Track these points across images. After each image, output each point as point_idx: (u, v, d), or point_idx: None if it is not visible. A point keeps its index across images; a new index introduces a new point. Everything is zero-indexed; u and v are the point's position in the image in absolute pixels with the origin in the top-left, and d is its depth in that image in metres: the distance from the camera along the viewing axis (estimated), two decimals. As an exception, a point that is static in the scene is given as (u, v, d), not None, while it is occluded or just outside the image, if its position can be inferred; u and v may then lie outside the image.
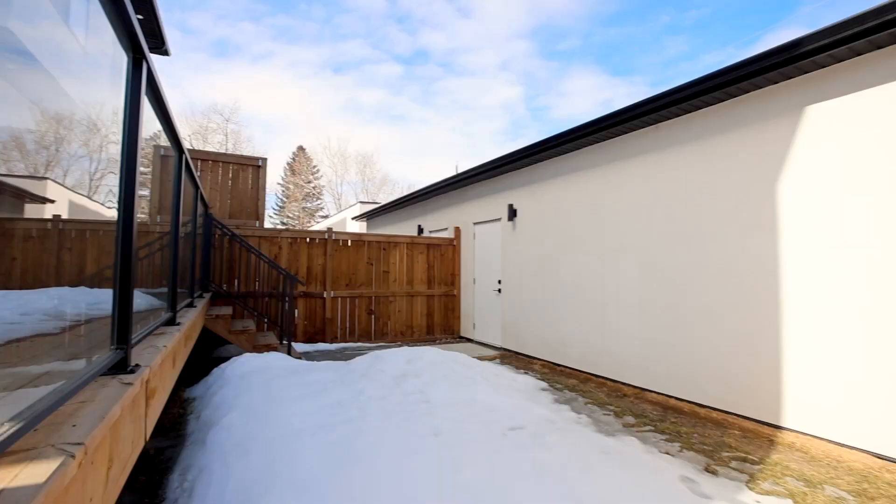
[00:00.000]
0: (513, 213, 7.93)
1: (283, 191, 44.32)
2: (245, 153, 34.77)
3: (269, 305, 7.52)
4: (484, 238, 9.01)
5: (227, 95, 50.76)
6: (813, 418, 3.88)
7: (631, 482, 2.89)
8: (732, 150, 4.60)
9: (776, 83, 4.21)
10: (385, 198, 42.81)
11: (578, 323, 6.47)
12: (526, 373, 6.26)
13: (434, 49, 55.74)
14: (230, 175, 7.76)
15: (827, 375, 3.80)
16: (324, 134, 64.64)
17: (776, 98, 4.24)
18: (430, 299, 9.45)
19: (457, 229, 9.84)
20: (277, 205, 44.23)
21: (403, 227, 13.20)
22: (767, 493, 2.91)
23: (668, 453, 3.55)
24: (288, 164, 45.05)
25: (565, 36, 53.42)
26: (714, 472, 3.21)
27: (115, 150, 1.83)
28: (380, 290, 8.84)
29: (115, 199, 1.77)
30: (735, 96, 4.54)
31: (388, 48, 55.92)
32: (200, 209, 5.44)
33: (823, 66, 3.86)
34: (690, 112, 4.99)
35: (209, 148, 33.05)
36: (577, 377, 6.15)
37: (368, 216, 16.69)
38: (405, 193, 13.71)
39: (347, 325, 8.47)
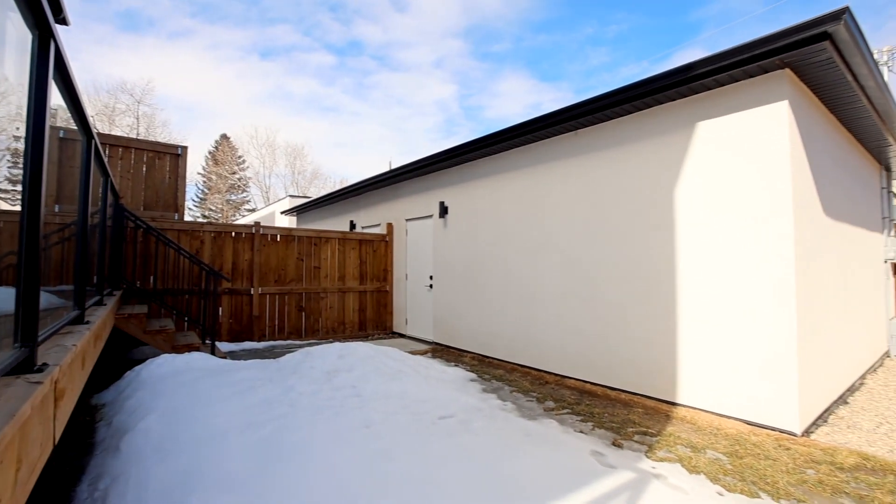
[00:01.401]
0: (444, 211, 8.13)
1: (204, 181, 41.43)
2: (160, 139, 32.05)
3: (190, 303, 7.10)
4: (416, 234, 9.14)
5: (138, 74, 46.03)
6: (700, 395, 4.45)
7: (549, 459, 3.17)
8: (640, 157, 5.10)
9: (674, 100, 4.74)
10: (316, 192, 41.53)
11: (506, 317, 6.81)
12: (456, 365, 6.49)
13: (368, 41, 54.80)
14: (144, 163, 7.20)
15: (711, 358, 4.38)
16: (249, 122, 61.04)
17: (674, 113, 4.77)
18: (362, 295, 9.41)
19: (389, 225, 9.88)
20: (198, 196, 41.30)
21: (335, 223, 12.97)
22: (662, 459, 3.33)
23: (582, 432, 3.90)
24: (210, 152, 42.17)
25: (498, 38, 54.92)
26: (620, 446, 3.59)
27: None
28: (311, 287, 8.66)
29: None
30: (641, 109, 5.04)
31: (319, 36, 54.09)
32: (110, 199, 5.04)
33: (710, 89, 4.43)
34: (605, 121, 5.45)
35: (116, 131, 30.04)
36: (505, 368, 6.48)
37: (299, 211, 16.16)
38: (337, 188, 13.46)
39: (276, 323, 8.21)
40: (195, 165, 41.40)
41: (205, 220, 36.89)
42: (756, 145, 4.14)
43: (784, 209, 3.95)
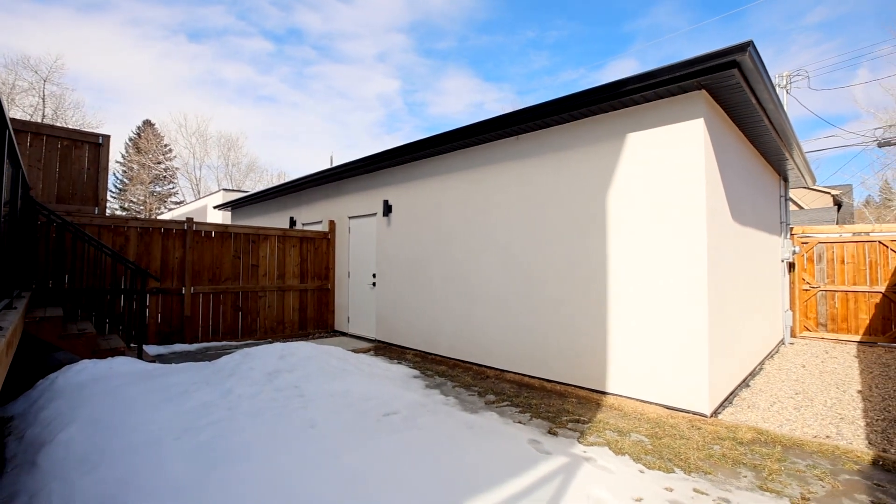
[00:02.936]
0: (388, 209, 8.14)
1: (123, 171, 38.19)
2: (71, 122, 29.10)
3: (112, 304, 6.60)
4: (359, 232, 9.07)
5: (44, 48, 41.24)
6: (627, 384, 4.86)
7: (490, 449, 3.34)
8: (576, 163, 5.43)
9: (607, 112, 5.11)
10: (252, 185, 39.65)
11: (448, 314, 6.97)
12: (399, 362, 6.55)
13: (309, 30, 53.14)
14: (59, 152, 6.57)
15: (636, 350, 4.79)
16: (177, 108, 57.00)
17: (607, 124, 5.14)
18: (303, 294, 9.20)
19: (331, 223, 9.72)
20: (117, 186, 38.01)
21: (274, 219, 12.52)
22: (592, 444, 3.62)
23: (520, 422, 4.13)
24: (131, 139, 38.94)
25: (442, 36, 55.34)
26: (555, 434, 3.85)
27: None
28: (248, 285, 8.33)
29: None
30: (578, 119, 5.37)
31: (256, 21, 51.59)
32: (20, 192, 4.59)
33: (638, 104, 4.82)
34: (544, 128, 5.74)
35: (16, 112, 26.87)
36: (447, 364, 6.64)
37: (234, 205, 15.38)
38: (275, 182, 12.98)
39: (210, 324, 7.82)
40: (113, 153, 38.01)
41: (129, 215, 34.18)
42: (675, 157, 4.57)
43: (698, 216, 4.40)
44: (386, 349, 7.74)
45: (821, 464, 3.34)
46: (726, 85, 4.31)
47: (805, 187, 12.31)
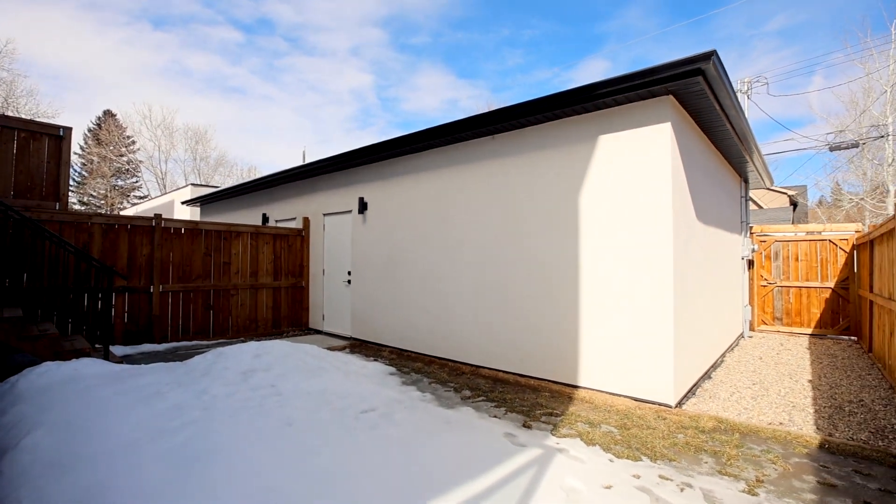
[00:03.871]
0: (363, 206, 8.12)
1: (83, 164, 36.46)
2: (24, 111, 27.53)
3: (76, 304, 6.35)
4: (334, 229, 9.01)
5: (-8, 33, 38.75)
6: (598, 377, 5.04)
7: (466, 443, 3.43)
8: (550, 164, 5.57)
9: (580, 114, 5.25)
10: (221, 180, 38.55)
11: (424, 311, 7.03)
12: (375, 360, 6.58)
13: (280, 21, 51.92)
14: (15, 144, 6.25)
15: (606, 345, 4.98)
16: (141, 99, 54.78)
17: (580, 126, 5.29)
18: (276, 291, 9.07)
19: (306, 220, 9.61)
20: (76, 179, 36.25)
21: (246, 216, 12.26)
22: (564, 436, 3.76)
23: (496, 416, 4.24)
24: (91, 130, 37.19)
25: (417, 31, 55.10)
26: (529, 427, 3.97)
27: None
28: (220, 283, 8.16)
29: None
30: (552, 120, 5.50)
31: (224, 9, 50.03)
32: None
33: (610, 107, 4.99)
34: (519, 129, 5.85)
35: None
36: (423, 360, 6.70)
37: (203, 201, 14.94)
38: (246, 178, 12.71)
39: (180, 323, 7.63)
40: (72, 145, 36.25)
41: (93, 211, 32.74)
42: (644, 159, 4.76)
43: (665, 216, 4.60)
44: (362, 347, 7.74)
45: (774, 449, 3.58)
46: (692, 91, 4.51)
47: (764, 188, 12.92)
